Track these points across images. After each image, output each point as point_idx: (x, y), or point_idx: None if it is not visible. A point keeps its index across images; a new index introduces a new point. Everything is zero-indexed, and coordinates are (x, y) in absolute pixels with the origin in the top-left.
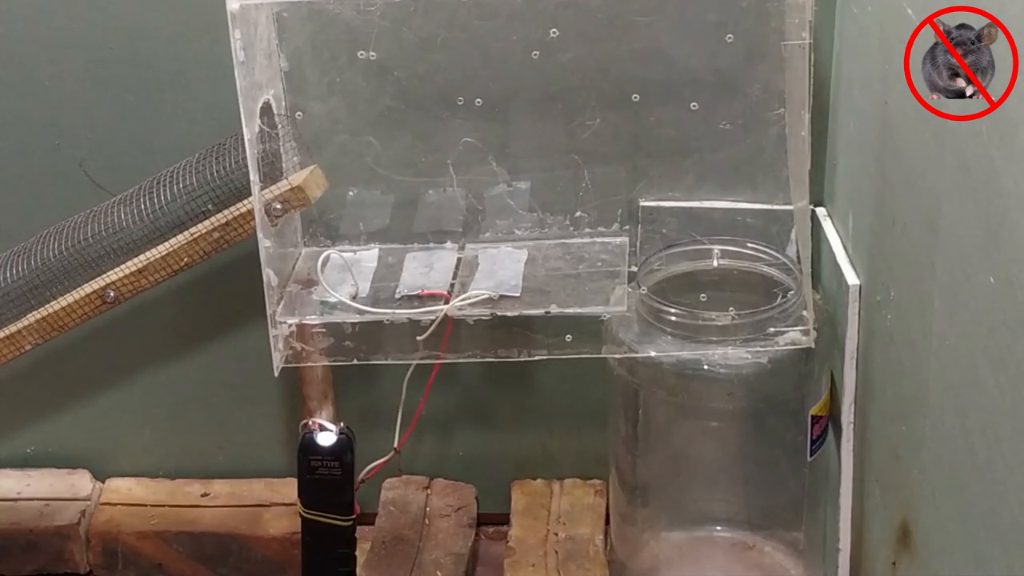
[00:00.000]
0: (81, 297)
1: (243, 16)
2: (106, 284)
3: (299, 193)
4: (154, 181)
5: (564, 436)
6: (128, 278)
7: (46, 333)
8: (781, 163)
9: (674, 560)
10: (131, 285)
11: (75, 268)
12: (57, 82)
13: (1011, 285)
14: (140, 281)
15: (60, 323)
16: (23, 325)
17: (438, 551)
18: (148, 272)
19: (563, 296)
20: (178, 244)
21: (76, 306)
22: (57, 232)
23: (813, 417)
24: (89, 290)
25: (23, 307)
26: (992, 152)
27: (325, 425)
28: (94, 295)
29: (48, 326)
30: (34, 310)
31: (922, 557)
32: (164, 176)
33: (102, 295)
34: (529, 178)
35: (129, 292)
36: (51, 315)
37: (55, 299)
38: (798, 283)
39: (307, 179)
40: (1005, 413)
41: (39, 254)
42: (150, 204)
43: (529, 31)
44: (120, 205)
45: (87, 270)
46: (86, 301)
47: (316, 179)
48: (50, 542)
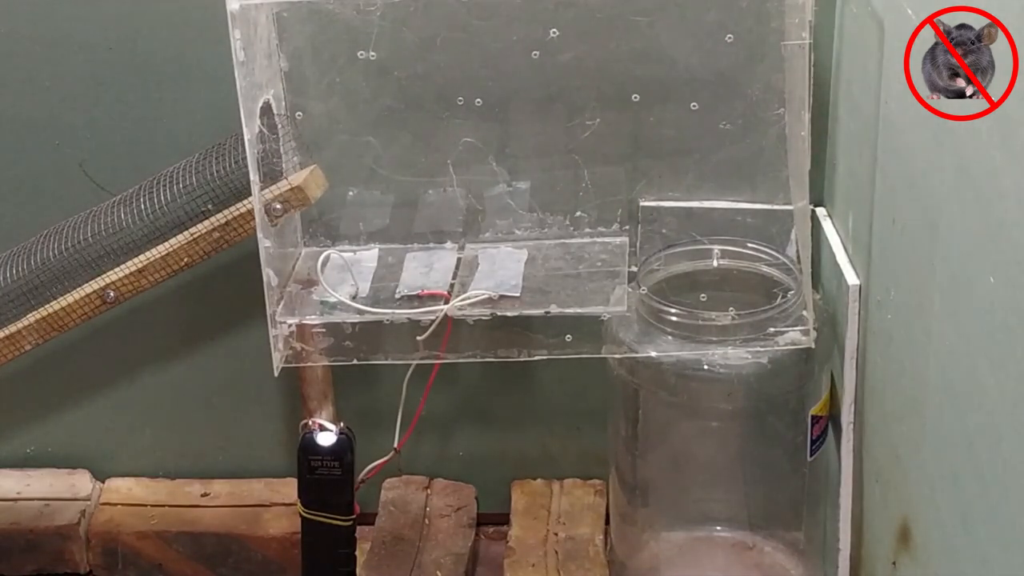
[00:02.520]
0: (81, 297)
1: (243, 16)
2: (106, 284)
3: (299, 193)
4: (154, 181)
5: (564, 436)
6: (128, 278)
7: (46, 333)
8: (781, 163)
9: (674, 560)
10: (131, 285)
11: (75, 268)
12: (57, 82)
13: (1011, 285)
14: (140, 281)
15: (60, 323)
16: (23, 325)
17: (438, 551)
18: (148, 272)
19: (563, 296)
20: (178, 244)
21: (76, 306)
22: (57, 232)
23: (813, 417)
24: (89, 290)
25: (23, 307)
26: (992, 152)
27: (325, 425)
28: (94, 295)
29: (48, 326)
30: (34, 310)
31: (922, 557)
32: (164, 176)
33: (102, 295)
34: (529, 178)
35: (129, 292)
36: (51, 315)
37: (55, 299)
38: (798, 283)
39: (307, 179)
40: (1005, 413)
41: (39, 254)
42: (150, 204)
43: (529, 31)
44: (120, 205)
45: (87, 270)
46: (86, 301)
47: (316, 179)
48: (50, 542)
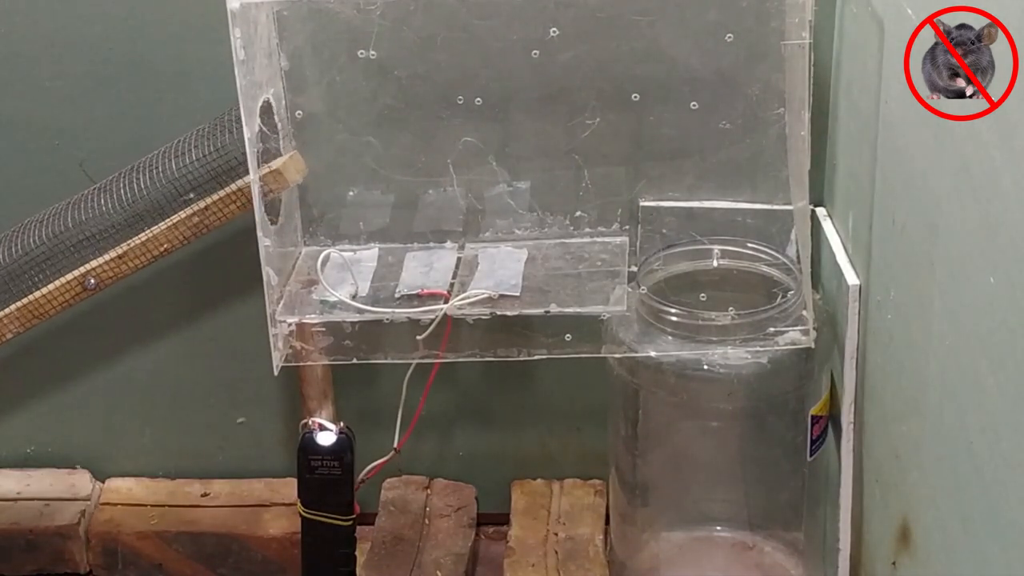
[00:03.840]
0: (62, 284)
1: (243, 15)
2: (87, 271)
3: (278, 176)
4: (133, 168)
5: (564, 436)
6: (108, 264)
7: (27, 321)
8: (781, 163)
9: (674, 560)
10: (111, 272)
11: (56, 255)
12: (57, 82)
13: (1011, 285)
14: (120, 267)
15: (41, 311)
16: (3, 314)
17: (438, 551)
18: (128, 258)
19: (563, 296)
20: (158, 230)
21: (57, 293)
22: (37, 221)
23: (813, 417)
24: (70, 277)
25: (4, 295)
26: (992, 152)
27: (325, 425)
28: (74, 282)
29: (29, 314)
30: (15, 299)
31: (922, 557)
32: (143, 163)
33: (83, 282)
34: (529, 178)
35: (110, 279)
36: (32, 303)
37: (36, 288)
38: (798, 283)
39: (286, 163)
40: (1005, 413)
41: (19, 242)
42: (129, 191)
43: (529, 31)
44: (100, 192)
45: (67, 257)
46: (67, 288)
47: (295, 163)
48: (50, 542)
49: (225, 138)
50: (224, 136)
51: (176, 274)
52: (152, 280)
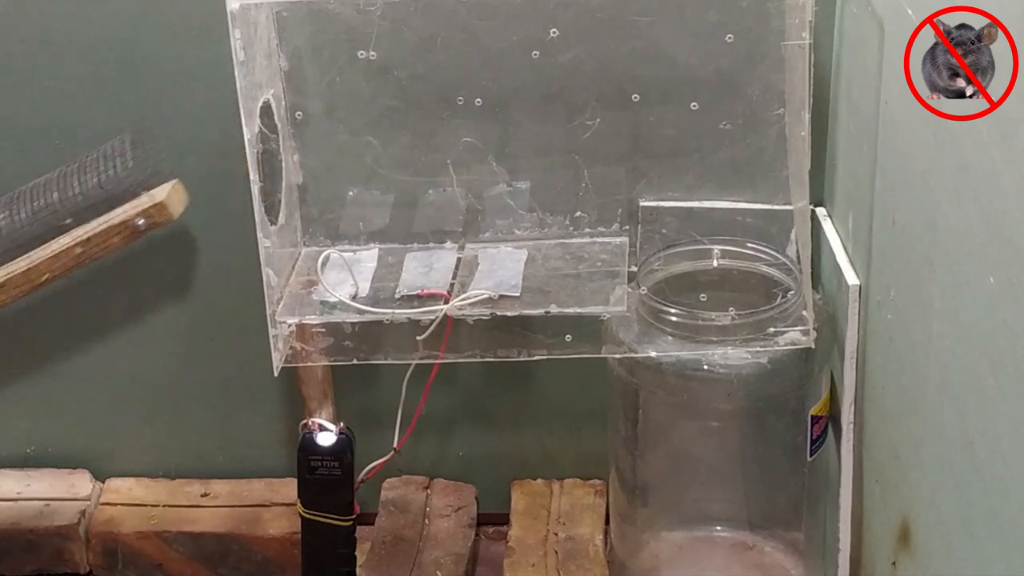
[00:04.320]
0: None
1: (243, 16)
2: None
3: (161, 209)
4: (13, 197)
5: (564, 436)
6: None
7: None
8: (781, 163)
9: (674, 560)
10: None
11: None
12: (57, 82)
13: (1011, 285)
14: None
15: None
16: None
17: (438, 551)
18: (8, 287)
19: (563, 296)
20: (39, 259)
21: None
22: None
23: (813, 417)
24: None
25: None
26: (992, 152)
27: (325, 425)
28: None
29: None
30: None
31: (922, 557)
32: (24, 192)
33: None
34: (529, 178)
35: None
36: None
37: None
38: (798, 283)
39: (169, 194)
40: (1005, 413)
41: None
42: (10, 220)
43: (529, 31)
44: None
45: None
46: None
47: (177, 194)
48: (50, 542)
49: (110, 171)
50: (105, 167)
51: (176, 274)
52: (152, 280)
